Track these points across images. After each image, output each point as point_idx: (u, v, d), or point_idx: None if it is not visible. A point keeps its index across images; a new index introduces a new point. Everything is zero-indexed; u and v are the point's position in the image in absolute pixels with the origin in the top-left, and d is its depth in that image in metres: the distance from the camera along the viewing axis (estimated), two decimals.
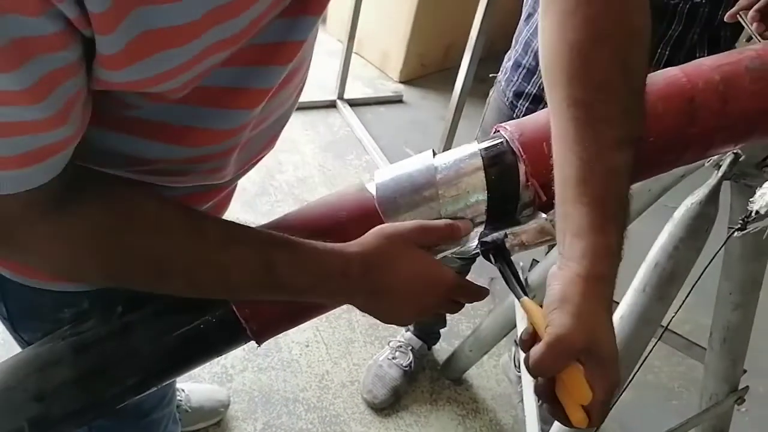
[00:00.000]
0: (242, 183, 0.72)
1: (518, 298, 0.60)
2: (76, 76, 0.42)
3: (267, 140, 0.68)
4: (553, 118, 0.59)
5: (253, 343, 0.63)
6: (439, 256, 0.65)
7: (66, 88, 0.41)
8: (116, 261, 0.53)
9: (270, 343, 1.90)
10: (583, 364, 0.51)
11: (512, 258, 0.65)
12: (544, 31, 0.60)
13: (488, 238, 0.64)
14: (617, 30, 0.57)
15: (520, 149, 0.64)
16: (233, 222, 0.57)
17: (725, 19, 0.90)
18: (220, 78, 0.51)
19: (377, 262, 0.59)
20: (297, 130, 2.74)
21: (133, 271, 0.54)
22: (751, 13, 0.84)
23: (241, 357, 1.75)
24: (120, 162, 0.53)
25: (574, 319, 0.51)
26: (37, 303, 0.65)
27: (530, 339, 0.55)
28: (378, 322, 0.64)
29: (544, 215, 0.63)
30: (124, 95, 0.48)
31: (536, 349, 0.51)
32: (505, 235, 0.64)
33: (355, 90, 3.08)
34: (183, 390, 1.58)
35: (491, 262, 0.65)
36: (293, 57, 0.56)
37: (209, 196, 0.68)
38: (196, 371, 1.70)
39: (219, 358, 1.81)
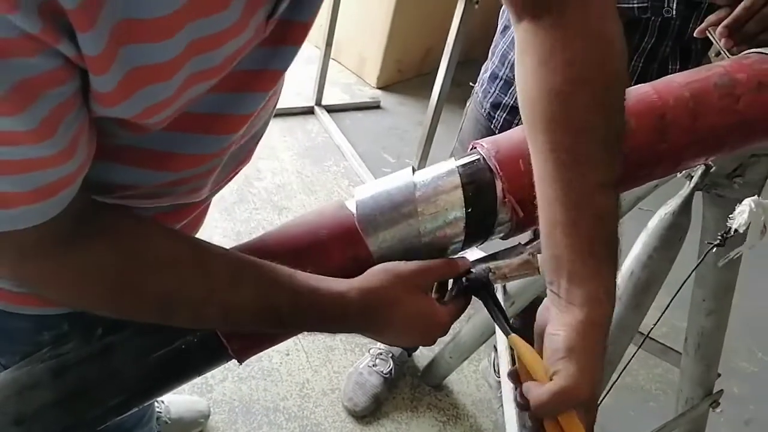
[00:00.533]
0: (221, 191, 0.72)
1: (506, 335, 0.61)
2: (77, 109, 0.42)
3: (244, 155, 0.68)
4: (535, 161, 0.59)
5: (240, 365, 0.64)
6: None
7: (70, 122, 0.42)
8: (123, 296, 0.53)
9: None
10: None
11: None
12: (522, 76, 0.61)
13: (472, 275, 0.65)
14: (596, 74, 0.57)
15: (497, 166, 0.65)
16: (239, 258, 0.57)
17: (695, 35, 0.92)
18: (202, 105, 0.51)
19: (376, 305, 0.60)
20: (275, 136, 2.74)
21: (140, 306, 0.54)
22: (719, 29, 0.86)
23: (221, 367, 1.73)
24: (99, 189, 0.53)
25: (581, 373, 0.53)
26: (15, 326, 0.64)
27: (517, 375, 0.57)
28: None
29: (527, 248, 0.65)
30: (107, 125, 0.48)
31: (541, 394, 0.53)
32: (489, 271, 0.65)
33: (332, 96, 3.09)
34: (162, 401, 1.57)
35: (477, 297, 0.66)
36: (274, 84, 0.56)
37: (185, 214, 0.68)
38: None
39: None
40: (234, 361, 0.64)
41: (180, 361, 0.62)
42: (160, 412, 1.54)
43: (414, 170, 0.66)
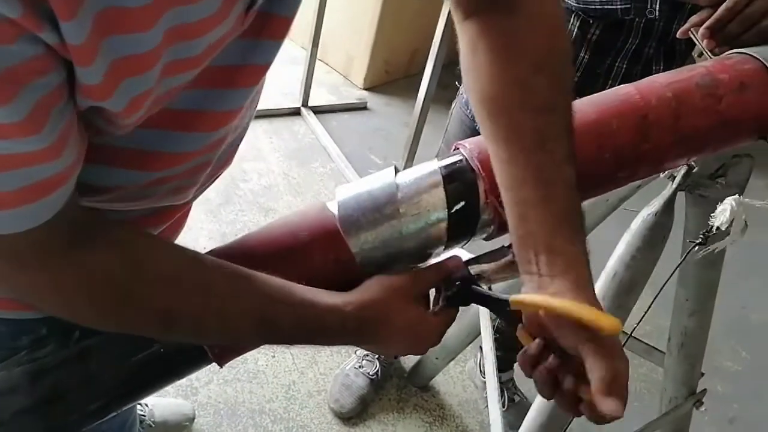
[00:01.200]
0: (206, 192, 0.71)
1: (510, 301, 0.59)
2: (63, 102, 0.42)
3: (226, 157, 0.68)
4: (498, 146, 0.60)
5: (221, 368, 0.63)
6: None
7: (57, 116, 0.41)
8: (123, 311, 0.52)
9: None
10: None
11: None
12: (476, 71, 0.62)
13: (453, 289, 0.64)
14: (552, 56, 0.60)
15: (479, 167, 0.65)
16: (238, 271, 0.56)
17: (677, 36, 0.92)
18: (183, 101, 0.51)
19: (372, 319, 0.60)
20: (261, 138, 2.72)
21: (140, 321, 0.54)
22: (701, 30, 0.86)
23: (206, 369, 1.71)
24: (83, 192, 0.52)
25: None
26: None
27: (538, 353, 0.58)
28: None
29: (511, 251, 0.64)
30: (92, 121, 0.47)
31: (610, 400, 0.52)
32: (472, 278, 0.64)
33: (319, 97, 3.08)
34: (146, 404, 1.56)
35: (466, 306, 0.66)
36: (256, 80, 0.56)
37: (167, 217, 0.67)
38: None
39: None
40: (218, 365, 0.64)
41: (159, 365, 0.61)
42: (144, 415, 1.53)
43: (396, 170, 0.65)
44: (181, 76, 0.48)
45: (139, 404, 1.56)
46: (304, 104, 2.95)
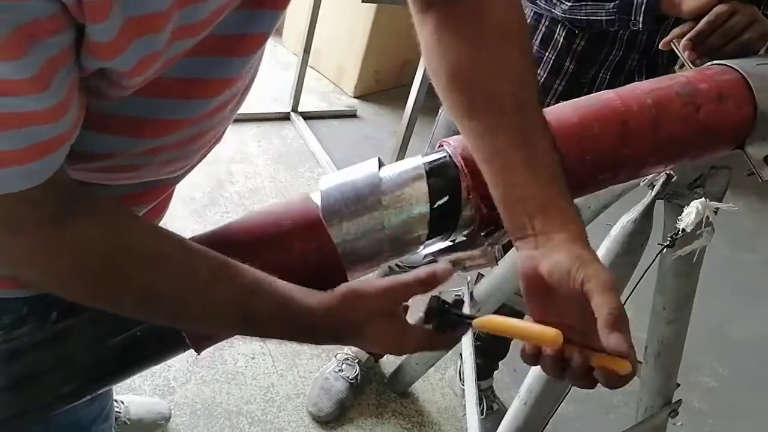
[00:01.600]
0: (192, 193, 0.72)
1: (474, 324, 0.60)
2: (71, 63, 0.43)
3: (220, 131, 0.68)
4: (474, 118, 0.61)
5: (198, 355, 0.63)
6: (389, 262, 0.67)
7: (64, 75, 0.42)
8: (106, 284, 0.52)
9: (215, 354, 1.88)
10: None
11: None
12: (447, 49, 0.63)
13: (426, 309, 0.63)
14: (517, 27, 0.63)
15: (462, 163, 0.66)
16: (222, 259, 0.56)
17: (660, 47, 0.95)
18: (181, 69, 0.52)
19: (342, 327, 0.60)
20: (249, 141, 2.73)
21: (121, 298, 0.54)
22: (683, 42, 0.88)
23: (184, 369, 1.72)
24: (77, 158, 0.53)
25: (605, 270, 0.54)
26: None
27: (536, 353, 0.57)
28: None
29: (487, 240, 0.65)
30: (95, 84, 0.48)
31: (600, 307, 0.52)
32: (443, 304, 0.63)
33: (309, 103, 3.09)
34: (122, 402, 1.54)
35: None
36: (255, 49, 0.57)
37: (155, 195, 0.67)
38: (137, 383, 1.66)
39: (162, 369, 1.78)
40: (199, 363, 0.64)
41: (135, 349, 0.61)
42: (119, 413, 1.52)
43: (380, 162, 0.66)
44: (187, 41, 0.49)
45: (115, 401, 1.54)
46: (294, 109, 2.96)
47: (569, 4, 1.12)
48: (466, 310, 1.43)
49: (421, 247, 0.68)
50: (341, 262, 0.63)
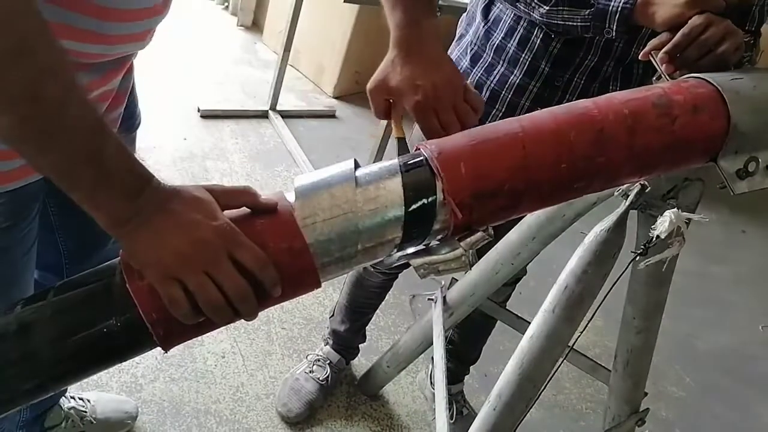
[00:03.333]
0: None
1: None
2: None
3: None
4: None
5: (165, 353, 0.62)
6: (363, 264, 0.67)
7: None
8: None
9: (184, 353, 1.85)
10: None
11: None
12: None
13: None
14: None
15: (438, 167, 0.65)
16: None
17: (639, 58, 0.95)
18: None
19: (169, 190, 0.60)
20: (226, 138, 2.71)
21: None
22: (660, 54, 0.89)
23: (152, 367, 1.70)
24: None
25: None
26: None
27: None
28: (297, 334, 0.63)
29: (461, 244, 0.65)
30: None
31: None
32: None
33: (288, 102, 3.08)
34: (89, 400, 1.52)
35: None
36: None
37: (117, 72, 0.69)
38: (104, 379, 1.64)
39: (129, 366, 1.75)
40: (167, 361, 0.63)
41: (100, 346, 0.60)
42: (85, 411, 1.49)
43: (356, 164, 0.66)
44: None
45: (80, 399, 1.51)
46: (273, 108, 2.95)
47: (546, 8, 1.12)
48: (438, 313, 1.43)
49: (395, 250, 0.68)
50: (313, 263, 0.62)
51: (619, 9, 1.07)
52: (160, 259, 0.58)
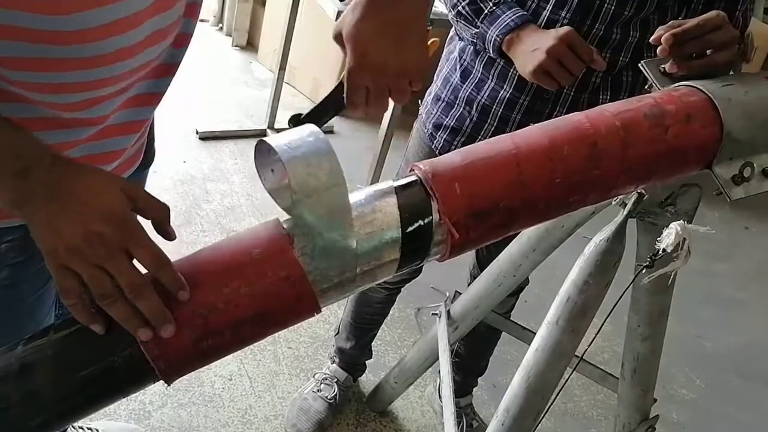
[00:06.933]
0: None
1: None
2: None
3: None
4: None
5: (169, 386, 0.62)
6: (363, 288, 0.67)
7: None
8: None
9: (191, 377, 1.85)
10: None
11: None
12: None
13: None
14: None
15: (433, 188, 0.66)
16: None
17: (650, 41, 0.90)
18: None
19: (71, 171, 0.59)
20: (226, 158, 2.71)
21: None
22: (666, 35, 0.82)
23: (160, 392, 1.69)
24: None
25: None
26: None
27: None
28: (304, 353, 0.63)
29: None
30: None
31: None
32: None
33: (285, 120, 3.08)
34: (97, 429, 1.51)
35: None
36: None
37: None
38: (112, 407, 1.63)
39: (137, 393, 1.75)
40: (175, 386, 0.62)
41: (103, 383, 0.60)
42: None
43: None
44: None
45: (89, 429, 1.51)
46: (270, 126, 2.96)
47: (456, 20, 1.25)
48: (443, 328, 1.43)
49: (395, 271, 0.68)
50: (312, 290, 0.62)
51: (492, 39, 1.17)
52: (55, 249, 0.57)
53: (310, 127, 0.64)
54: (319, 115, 0.80)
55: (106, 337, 0.59)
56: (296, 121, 0.75)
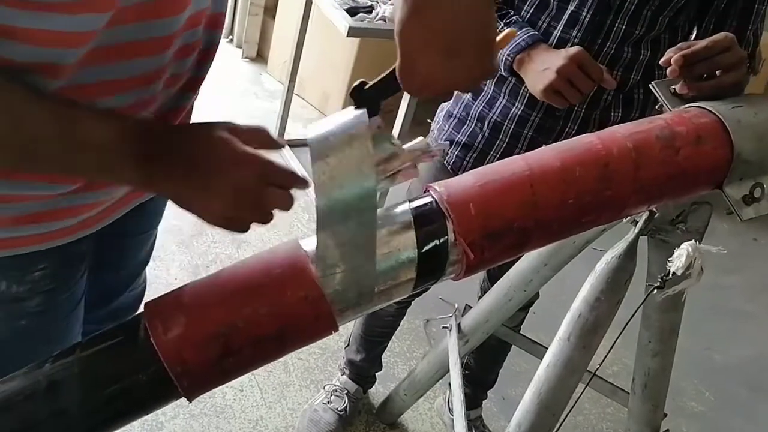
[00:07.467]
0: (178, 223, 0.74)
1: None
2: None
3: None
4: None
5: (190, 402, 0.63)
6: (379, 307, 0.68)
7: None
8: None
9: None
10: None
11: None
12: None
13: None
14: None
15: (448, 209, 0.67)
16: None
17: (660, 63, 0.92)
18: None
19: (162, 131, 0.65)
20: None
21: None
22: (676, 56, 0.85)
23: (172, 404, 1.70)
24: None
25: None
26: None
27: None
28: (314, 364, 0.65)
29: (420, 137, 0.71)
30: None
31: None
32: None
33: (295, 131, 3.11)
34: None
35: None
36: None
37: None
38: None
39: None
40: (185, 399, 0.64)
41: (128, 401, 0.61)
42: None
43: None
44: None
45: None
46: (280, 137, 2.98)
47: None
48: (453, 341, 1.44)
49: (410, 290, 0.69)
50: (330, 310, 0.63)
51: (503, 58, 1.19)
52: (214, 219, 0.67)
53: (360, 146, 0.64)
54: (382, 88, 0.74)
55: (132, 356, 0.61)
56: (358, 91, 0.74)
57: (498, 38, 0.68)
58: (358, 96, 0.72)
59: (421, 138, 0.71)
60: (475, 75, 0.66)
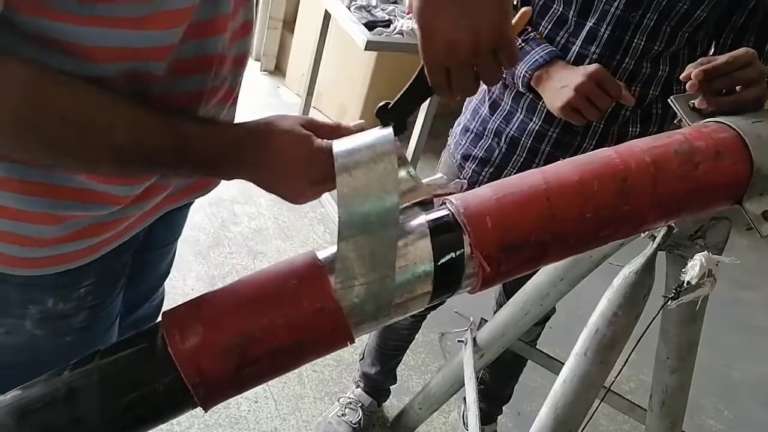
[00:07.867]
0: (195, 234, 0.77)
1: None
2: None
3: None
4: None
5: (206, 412, 0.64)
6: (395, 320, 0.68)
7: None
8: (34, 114, 0.57)
9: None
10: None
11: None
12: None
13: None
14: None
15: (465, 222, 0.67)
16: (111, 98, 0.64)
17: (680, 78, 0.92)
18: None
19: (253, 127, 0.75)
20: None
21: (50, 128, 0.59)
22: (696, 71, 0.85)
23: (187, 414, 1.70)
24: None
25: None
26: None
27: None
28: (328, 376, 0.66)
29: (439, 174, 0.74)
30: None
31: None
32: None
33: None
34: None
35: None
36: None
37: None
38: None
39: None
40: (201, 408, 0.64)
41: (145, 409, 0.62)
42: None
43: None
44: None
45: None
46: None
47: None
48: (468, 355, 1.43)
49: (426, 303, 0.69)
50: (347, 322, 0.64)
51: (521, 74, 1.20)
52: (290, 198, 0.82)
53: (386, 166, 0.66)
54: (406, 104, 0.77)
55: (149, 365, 0.61)
56: (383, 111, 0.77)
57: (513, 21, 0.70)
58: (383, 115, 0.74)
59: (440, 174, 0.74)
60: (497, 22, 0.65)
